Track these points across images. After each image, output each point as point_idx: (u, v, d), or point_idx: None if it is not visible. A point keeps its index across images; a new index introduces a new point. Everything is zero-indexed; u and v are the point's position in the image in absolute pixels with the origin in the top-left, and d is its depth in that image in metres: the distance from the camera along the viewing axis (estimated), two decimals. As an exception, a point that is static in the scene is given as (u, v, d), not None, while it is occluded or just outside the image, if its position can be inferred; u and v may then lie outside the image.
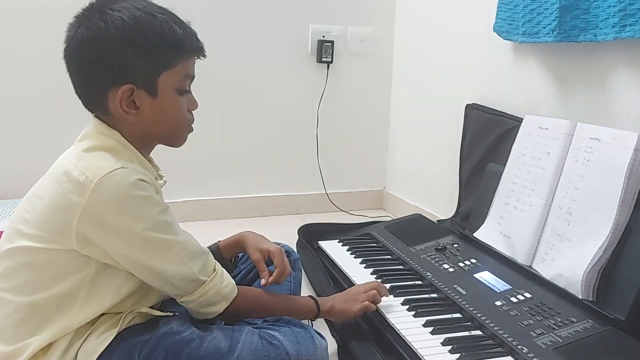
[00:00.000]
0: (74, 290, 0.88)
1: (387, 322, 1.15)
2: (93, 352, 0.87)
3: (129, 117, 0.91)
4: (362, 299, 1.14)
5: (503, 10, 1.57)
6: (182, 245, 0.91)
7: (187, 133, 1.00)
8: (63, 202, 0.85)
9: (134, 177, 0.86)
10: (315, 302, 1.10)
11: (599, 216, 1.16)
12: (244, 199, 2.17)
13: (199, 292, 0.93)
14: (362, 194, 2.33)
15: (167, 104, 0.93)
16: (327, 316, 1.14)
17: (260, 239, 1.16)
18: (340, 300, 1.14)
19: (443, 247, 1.48)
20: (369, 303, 1.14)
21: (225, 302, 0.97)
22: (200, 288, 0.93)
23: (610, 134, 1.19)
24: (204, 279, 0.93)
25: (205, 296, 0.94)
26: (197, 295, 0.94)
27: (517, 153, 1.46)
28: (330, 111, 2.20)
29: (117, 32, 0.87)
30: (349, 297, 1.16)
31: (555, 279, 1.22)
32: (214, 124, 2.06)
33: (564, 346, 1.01)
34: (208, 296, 0.94)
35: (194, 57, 0.97)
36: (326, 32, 2.13)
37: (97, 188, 0.84)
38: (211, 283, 0.94)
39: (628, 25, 1.18)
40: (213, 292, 0.95)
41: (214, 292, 0.95)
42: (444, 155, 1.92)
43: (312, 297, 1.12)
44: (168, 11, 0.93)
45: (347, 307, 1.13)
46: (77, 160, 0.87)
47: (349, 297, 1.15)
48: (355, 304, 1.13)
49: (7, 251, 0.90)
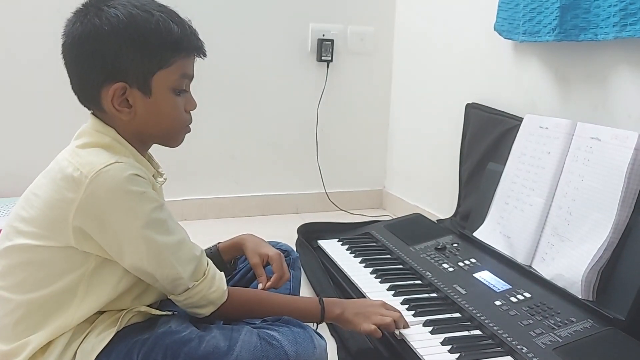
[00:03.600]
0: (73, 287, 0.87)
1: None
2: (92, 351, 0.87)
3: (121, 116, 0.91)
4: (374, 320, 1.04)
5: (504, 10, 1.56)
6: (173, 249, 0.90)
7: (183, 133, 0.99)
8: (59, 199, 0.85)
9: (128, 172, 0.85)
10: (321, 306, 1.04)
11: (599, 216, 1.16)
12: (244, 198, 2.17)
13: (184, 295, 0.93)
14: (361, 193, 2.33)
15: (162, 103, 0.92)
16: (334, 322, 1.08)
17: (260, 243, 1.15)
18: (351, 310, 1.05)
19: (443, 246, 1.48)
20: (376, 329, 1.03)
21: (212, 307, 0.96)
22: (186, 292, 0.93)
23: (610, 134, 1.19)
24: (190, 285, 0.93)
25: (191, 300, 0.94)
26: (182, 297, 0.93)
27: (517, 152, 1.46)
28: (330, 110, 2.19)
29: (110, 29, 0.86)
30: (361, 310, 1.06)
31: (555, 279, 1.22)
32: (214, 122, 2.06)
33: (563, 346, 1.01)
34: (194, 300, 0.94)
35: (193, 57, 0.95)
36: (326, 30, 2.12)
37: (91, 183, 0.83)
38: (197, 288, 0.93)
39: (629, 24, 1.18)
40: (199, 297, 0.94)
41: (199, 297, 0.94)
42: (444, 155, 1.92)
43: (320, 300, 1.05)
44: (167, 9, 0.92)
45: (356, 320, 1.04)
46: (72, 157, 0.87)
47: (363, 310, 1.06)
48: (365, 321, 1.04)
49: (5, 249, 0.89)
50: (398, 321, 1.07)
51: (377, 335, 1.04)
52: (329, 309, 1.04)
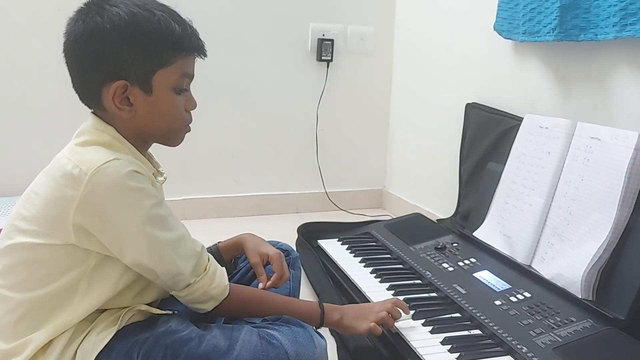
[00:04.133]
0: (74, 284, 0.88)
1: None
2: (92, 350, 0.87)
3: (122, 114, 0.91)
4: (372, 319, 1.06)
5: (503, 9, 1.56)
6: (174, 245, 0.91)
7: (183, 133, 0.99)
8: (59, 196, 0.85)
9: (127, 169, 0.86)
10: (321, 311, 1.05)
11: (598, 216, 1.16)
12: (244, 197, 2.17)
13: (185, 290, 0.93)
14: (361, 193, 2.33)
15: (162, 102, 0.93)
16: (333, 327, 1.09)
17: (260, 243, 1.15)
18: (350, 315, 1.07)
19: (443, 246, 1.48)
20: (375, 325, 1.05)
21: (213, 302, 0.97)
22: (187, 288, 0.93)
23: (610, 134, 1.19)
24: (191, 280, 0.93)
25: (192, 296, 0.94)
26: (184, 293, 0.94)
27: (517, 152, 1.46)
28: (330, 110, 2.20)
29: (112, 27, 0.87)
30: (360, 313, 1.08)
31: (554, 279, 1.22)
32: (214, 122, 2.06)
33: (563, 346, 1.01)
34: (195, 296, 0.94)
35: (193, 56, 0.96)
36: (326, 30, 2.12)
37: (91, 180, 0.83)
38: (198, 284, 0.93)
39: (629, 24, 1.18)
40: (200, 293, 0.94)
41: (201, 293, 0.94)
42: (444, 154, 1.92)
43: (320, 305, 1.06)
44: (169, 8, 0.93)
45: (355, 324, 1.06)
46: (71, 155, 0.87)
47: (361, 313, 1.08)
48: (364, 322, 1.06)
49: (5, 248, 0.90)
50: (393, 311, 1.09)
51: (378, 332, 1.05)
52: (328, 314, 1.05)
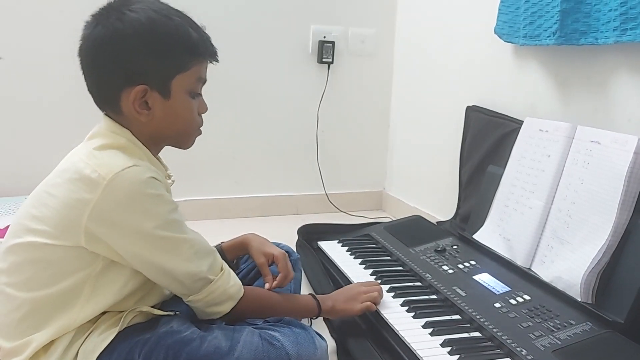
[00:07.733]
0: (78, 287, 0.88)
1: (387, 323, 1.15)
2: (94, 350, 0.87)
3: (140, 118, 0.92)
4: (363, 299, 1.16)
5: (504, 13, 1.57)
6: (191, 243, 0.92)
7: (195, 136, 1.01)
8: (75, 199, 0.86)
9: (146, 175, 0.87)
10: (316, 301, 1.11)
11: (598, 219, 1.16)
12: (244, 198, 2.17)
13: (205, 291, 0.94)
14: (361, 195, 2.34)
15: (179, 106, 0.94)
16: (328, 315, 1.16)
17: (264, 243, 1.16)
18: (340, 299, 1.15)
19: (442, 248, 1.48)
20: (370, 303, 1.15)
21: (232, 302, 0.98)
22: (207, 287, 0.94)
23: (610, 137, 1.20)
24: (212, 278, 0.94)
25: (212, 295, 0.95)
26: (204, 294, 0.94)
27: (517, 155, 1.46)
28: (330, 112, 2.20)
29: (133, 32, 0.88)
30: (349, 296, 1.17)
31: (554, 282, 1.22)
32: (215, 124, 2.04)
33: (562, 348, 1.01)
34: (215, 295, 0.95)
35: (207, 61, 0.98)
36: (327, 32, 2.13)
37: (109, 185, 0.84)
38: (218, 282, 0.95)
39: (629, 29, 1.18)
40: (220, 292, 0.95)
41: (220, 292, 0.95)
42: (444, 157, 1.92)
43: (313, 296, 1.13)
44: (184, 14, 0.94)
45: (348, 306, 1.15)
46: (89, 158, 0.88)
47: (350, 296, 1.17)
48: (356, 303, 1.15)
49: (13, 246, 0.90)
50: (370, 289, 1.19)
51: (373, 309, 1.16)
52: (323, 302, 1.12)
